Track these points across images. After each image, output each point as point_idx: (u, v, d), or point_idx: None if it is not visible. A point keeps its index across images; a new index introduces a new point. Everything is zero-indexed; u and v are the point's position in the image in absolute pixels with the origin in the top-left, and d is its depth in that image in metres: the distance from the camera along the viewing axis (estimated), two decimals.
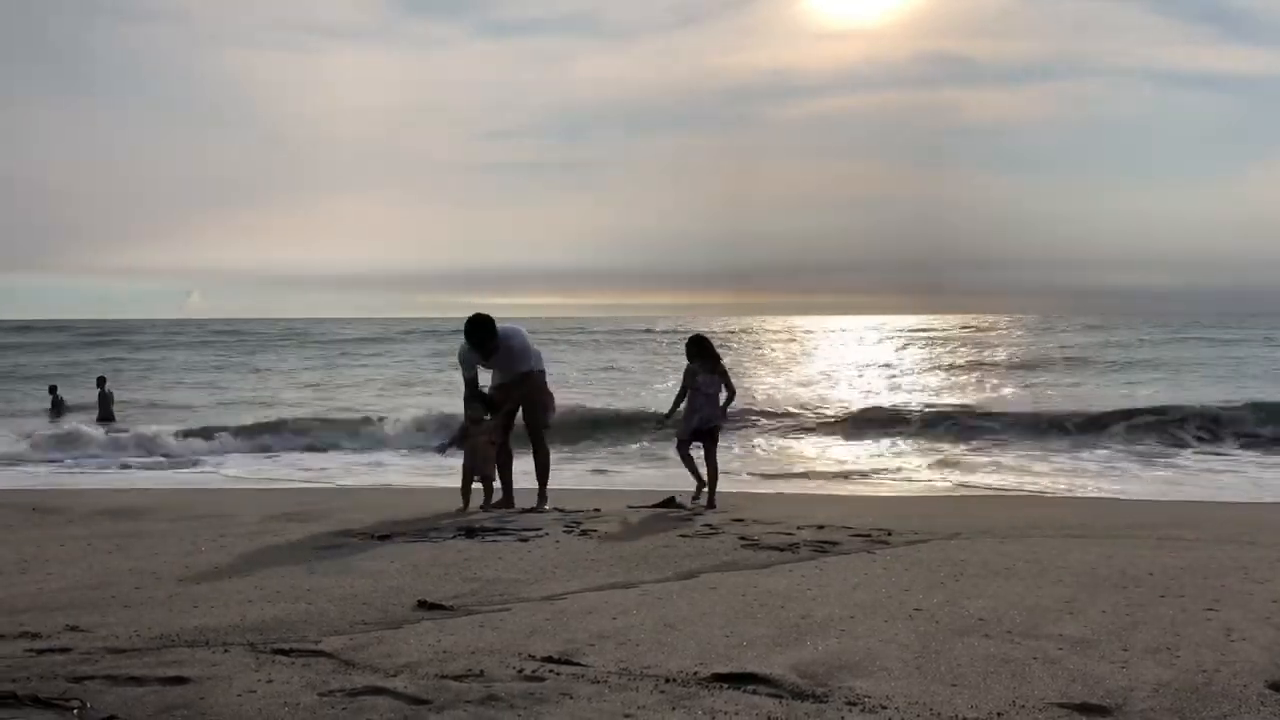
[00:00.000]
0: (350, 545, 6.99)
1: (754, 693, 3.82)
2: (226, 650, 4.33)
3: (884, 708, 3.66)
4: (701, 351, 9.34)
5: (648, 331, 70.60)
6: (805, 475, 13.52)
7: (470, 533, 7.45)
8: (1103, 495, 11.67)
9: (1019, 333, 65.96)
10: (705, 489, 9.38)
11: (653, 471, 13.99)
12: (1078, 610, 5.07)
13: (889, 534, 7.47)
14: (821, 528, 7.67)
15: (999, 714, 3.61)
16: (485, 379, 8.97)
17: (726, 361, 9.55)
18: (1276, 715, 3.60)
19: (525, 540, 7.13)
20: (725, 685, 3.89)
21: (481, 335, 8.60)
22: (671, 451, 10.45)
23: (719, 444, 9.60)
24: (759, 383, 30.90)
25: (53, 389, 24.42)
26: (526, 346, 8.91)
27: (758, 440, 18.26)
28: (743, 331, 76.10)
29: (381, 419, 19.36)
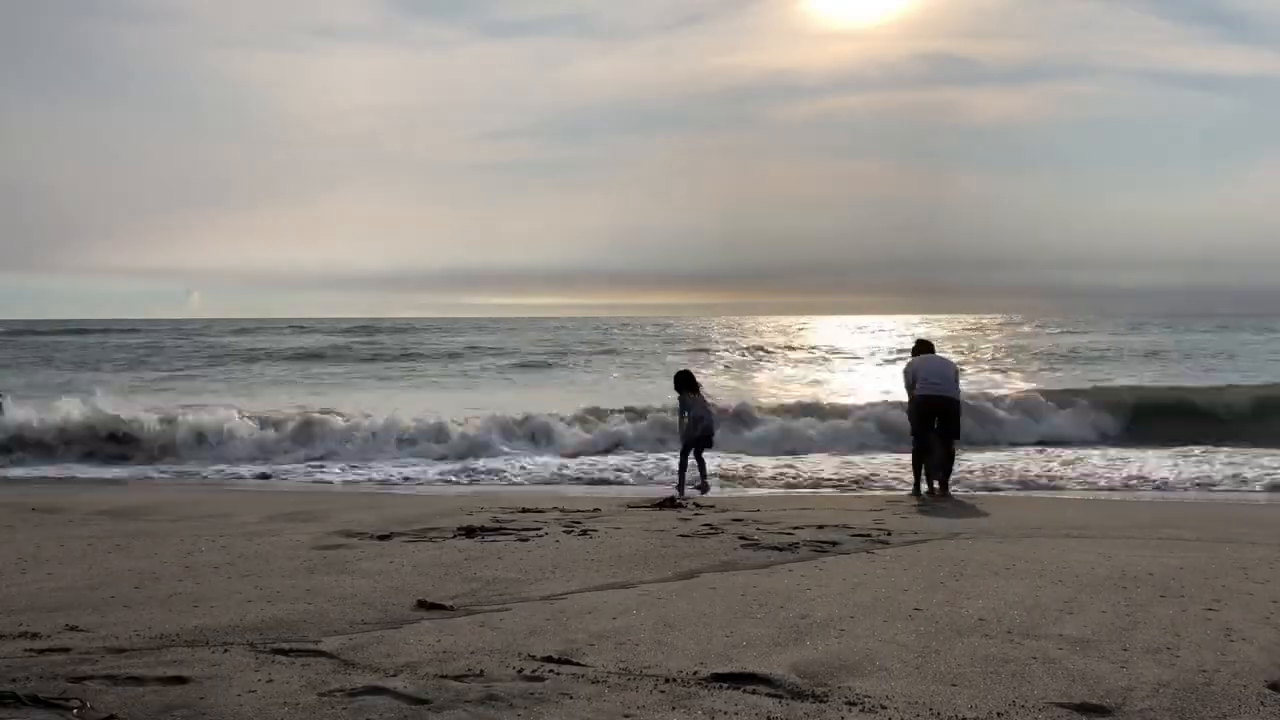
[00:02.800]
0: (350, 545, 7.00)
1: (753, 693, 3.82)
2: (226, 650, 4.33)
3: (883, 708, 3.66)
4: (690, 384, 11.53)
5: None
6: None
7: (470, 532, 7.45)
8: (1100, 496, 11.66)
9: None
10: (699, 487, 11.18)
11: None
12: (1078, 610, 5.07)
13: (889, 534, 7.47)
14: (821, 528, 7.67)
15: (999, 714, 3.61)
16: None
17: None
18: (1276, 715, 3.60)
19: (525, 540, 7.13)
20: (725, 685, 3.89)
21: None
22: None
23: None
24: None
25: None
26: None
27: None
28: (779, 332, 75.40)
29: None
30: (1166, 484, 11.98)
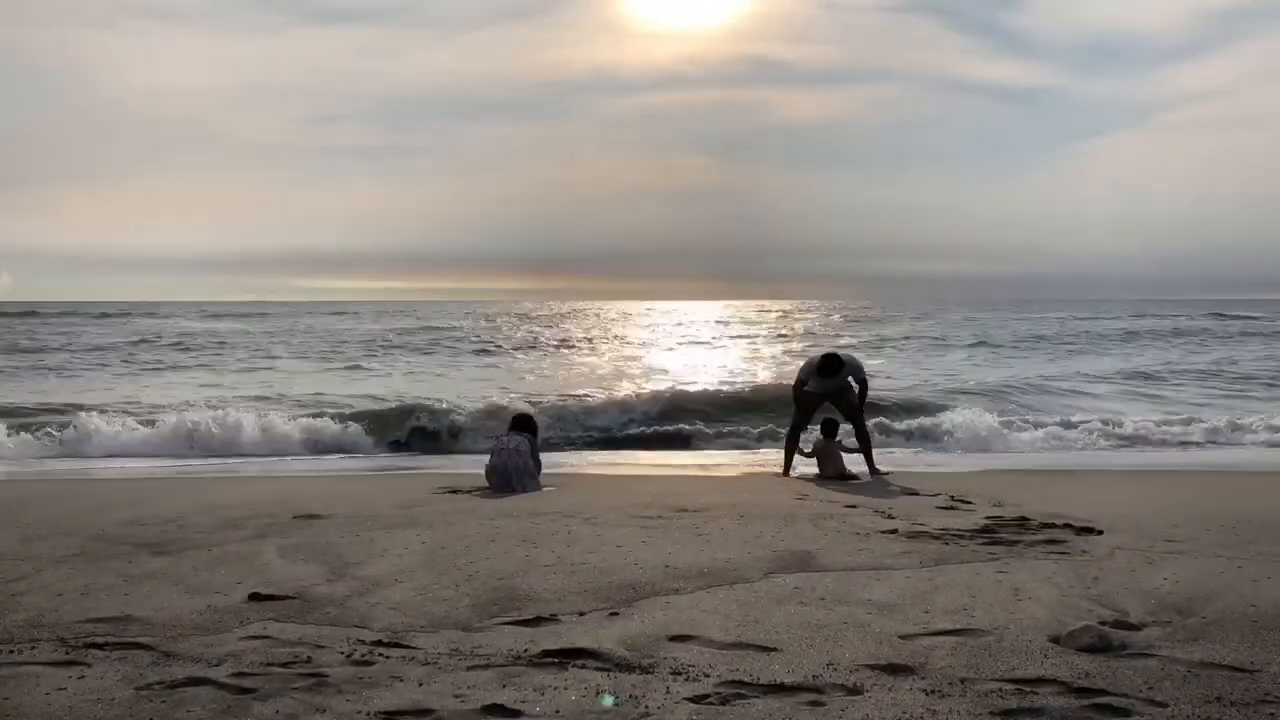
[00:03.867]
0: (181, 540, 6.72)
1: (582, 667, 3.92)
2: (34, 647, 4.13)
3: (706, 676, 3.83)
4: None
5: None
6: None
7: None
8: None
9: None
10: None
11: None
12: (884, 577, 5.39)
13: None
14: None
15: (814, 677, 3.83)
16: None
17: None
18: (1056, 665, 3.96)
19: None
20: (554, 661, 3.98)
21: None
22: None
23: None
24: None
25: None
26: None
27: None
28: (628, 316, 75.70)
29: None
30: None
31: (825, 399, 10.69)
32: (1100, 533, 6.54)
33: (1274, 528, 6.72)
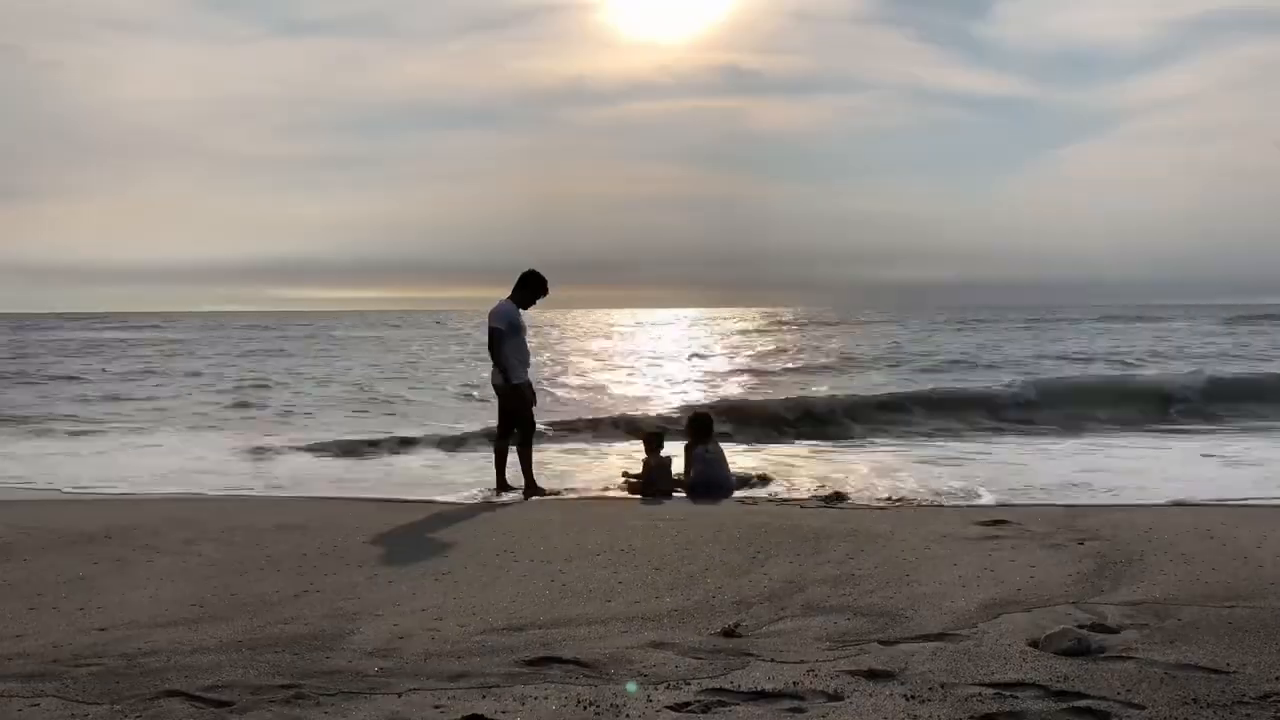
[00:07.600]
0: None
1: (563, 676, 3.91)
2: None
3: (687, 683, 3.83)
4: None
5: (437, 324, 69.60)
6: None
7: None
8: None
9: None
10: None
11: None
12: (862, 578, 5.41)
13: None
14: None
15: (794, 683, 3.83)
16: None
17: None
18: (1034, 669, 3.98)
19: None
20: (535, 671, 3.97)
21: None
22: None
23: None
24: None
25: None
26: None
27: None
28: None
29: None
30: None
31: None
32: (1082, 543, 6.58)
33: (1246, 534, 6.78)
